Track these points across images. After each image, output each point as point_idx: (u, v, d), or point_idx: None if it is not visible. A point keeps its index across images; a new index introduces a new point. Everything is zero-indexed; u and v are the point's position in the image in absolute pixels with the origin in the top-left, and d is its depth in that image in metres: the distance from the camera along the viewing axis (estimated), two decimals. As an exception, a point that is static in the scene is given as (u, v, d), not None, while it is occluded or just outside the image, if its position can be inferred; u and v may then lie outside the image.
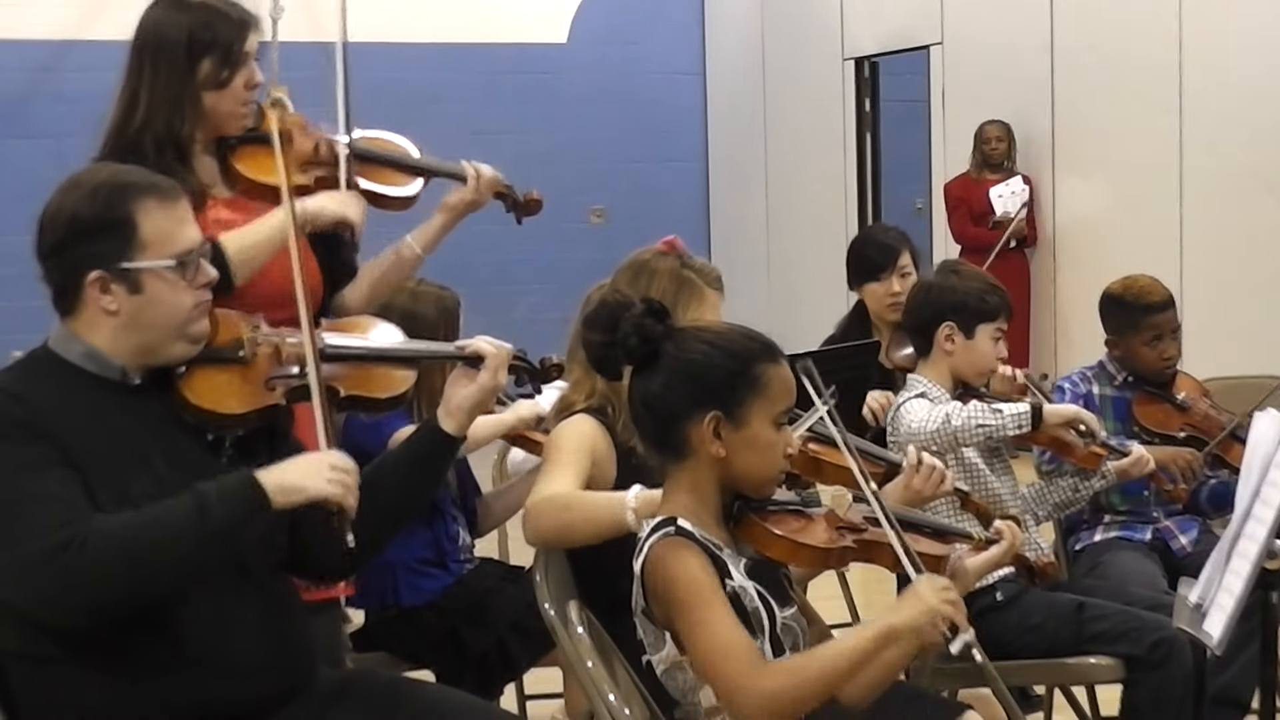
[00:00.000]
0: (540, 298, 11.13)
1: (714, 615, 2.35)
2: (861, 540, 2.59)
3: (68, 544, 2.33)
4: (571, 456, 3.01)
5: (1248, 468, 2.82)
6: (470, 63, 11.68)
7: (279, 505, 2.45)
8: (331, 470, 2.48)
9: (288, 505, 2.46)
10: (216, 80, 3.10)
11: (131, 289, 2.51)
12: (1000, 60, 9.30)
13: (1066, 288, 8.90)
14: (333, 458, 2.50)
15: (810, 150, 11.09)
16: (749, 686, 2.31)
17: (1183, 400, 4.25)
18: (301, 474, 2.47)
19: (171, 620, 2.48)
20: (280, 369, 2.65)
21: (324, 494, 2.46)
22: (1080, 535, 4.23)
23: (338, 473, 2.48)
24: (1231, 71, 7.75)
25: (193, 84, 3.09)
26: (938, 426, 3.50)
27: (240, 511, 2.44)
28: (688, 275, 3.17)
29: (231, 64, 3.11)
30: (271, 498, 2.44)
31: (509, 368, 2.81)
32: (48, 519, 2.35)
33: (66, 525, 2.35)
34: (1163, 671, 3.47)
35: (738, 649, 2.33)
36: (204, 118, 3.12)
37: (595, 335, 2.53)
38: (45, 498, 2.38)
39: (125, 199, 2.52)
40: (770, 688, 2.31)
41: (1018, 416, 3.56)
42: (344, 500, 2.47)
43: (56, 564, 2.33)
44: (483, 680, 3.71)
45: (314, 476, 2.47)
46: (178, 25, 3.09)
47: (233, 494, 2.43)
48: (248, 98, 3.16)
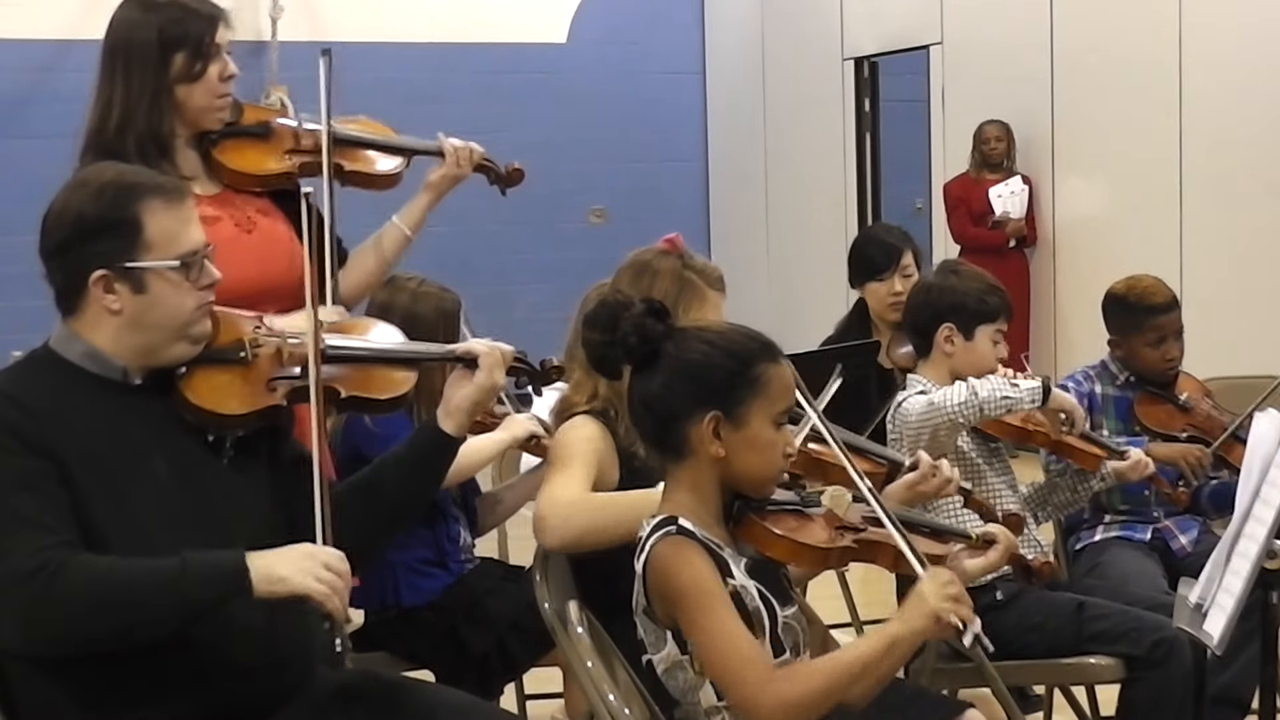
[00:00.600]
0: (540, 298, 11.12)
1: (725, 622, 2.36)
2: (861, 540, 2.59)
3: (39, 570, 2.33)
4: (581, 460, 3.00)
5: (1248, 468, 2.82)
6: (470, 62, 11.68)
7: (260, 595, 2.41)
8: (324, 570, 2.43)
9: (269, 595, 2.42)
10: (189, 74, 3.13)
11: (135, 289, 2.51)
12: (1000, 60, 9.30)
13: (1066, 288, 8.90)
14: (328, 556, 2.46)
15: (810, 150, 11.09)
16: (766, 696, 2.32)
17: (1185, 400, 4.25)
18: (293, 569, 2.42)
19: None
20: (281, 370, 2.64)
21: (307, 591, 2.41)
22: (1080, 535, 4.23)
23: (329, 574, 2.43)
24: (1231, 71, 7.75)
25: (166, 79, 3.12)
26: (964, 398, 3.48)
27: (218, 594, 2.42)
28: (689, 276, 3.16)
29: (204, 57, 3.14)
30: (256, 587, 2.41)
31: (510, 369, 2.82)
32: (26, 541, 2.35)
33: (43, 550, 2.35)
34: (1163, 671, 3.47)
35: (753, 658, 2.35)
36: (180, 112, 3.15)
37: (595, 335, 2.53)
38: (26, 519, 2.37)
39: (131, 199, 2.52)
40: (787, 696, 2.33)
41: (1032, 391, 3.56)
42: (327, 602, 2.42)
43: (26, 587, 2.33)
44: (483, 680, 3.70)
45: (304, 573, 2.42)
46: (147, 24, 3.13)
47: (216, 576, 2.41)
48: (222, 90, 3.19)
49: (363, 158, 3.39)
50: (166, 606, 2.40)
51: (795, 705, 2.33)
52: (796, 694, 2.33)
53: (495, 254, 11.23)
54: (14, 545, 2.35)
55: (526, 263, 11.62)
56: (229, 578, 2.41)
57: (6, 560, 2.34)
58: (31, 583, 2.33)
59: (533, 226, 11.32)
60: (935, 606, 2.37)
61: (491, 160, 3.53)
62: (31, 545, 2.35)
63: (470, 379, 2.74)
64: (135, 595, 2.38)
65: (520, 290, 11.39)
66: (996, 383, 3.54)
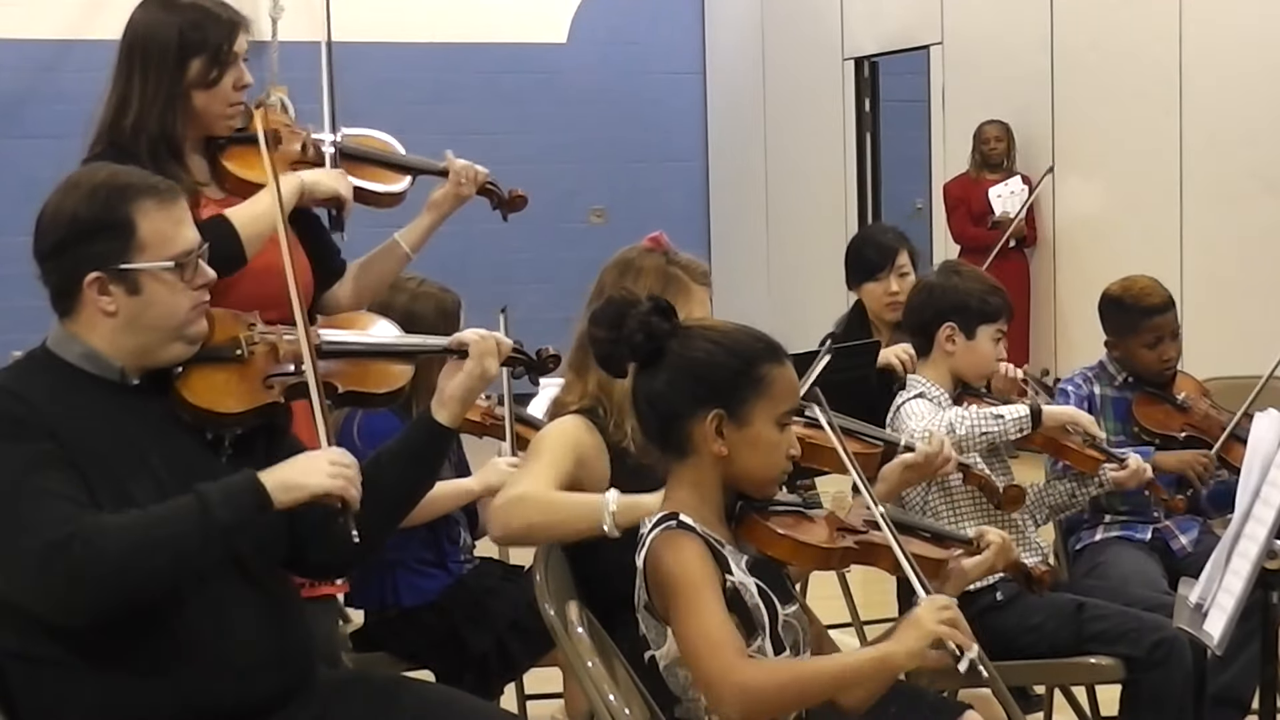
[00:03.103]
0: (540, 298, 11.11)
1: (703, 604, 2.36)
2: (862, 542, 2.59)
3: (69, 540, 2.34)
4: (551, 457, 3.00)
5: (1248, 468, 2.82)
6: (470, 63, 11.68)
7: (282, 504, 2.46)
8: (331, 465, 2.49)
9: (290, 503, 2.47)
10: (205, 80, 3.12)
11: (130, 290, 2.51)
12: (1000, 60, 9.30)
13: (1066, 288, 8.90)
14: (332, 454, 2.51)
15: (810, 150, 11.09)
16: (726, 678, 2.31)
17: (1183, 400, 4.25)
18: (302, 471, 2.49)
19: (171, 620, 2.48)
20: (277, 367, 2.65)
21: (325, 489, 2.47)
22: (1080, 535, 4.23)
23: (338, 467, 2.49)
24: (1231, 71, 7.75)
25: (182, 83, 3.11)
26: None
27: (244, 511, 2.45)
28: (674, 272, 3.17)
29: (221, 64, 3.13)
30: (274, 496, 2.45)
31: (507, 360, 2.83)
32: (50, 515, 2.36)
33: (68, 521, 2.35)
34: (1163, 671, 3.47)
35: (722, 641, 2.34)
36: (193, 117, 3.14)
37: (601, 332, 2.54)
38: (47, 494, 2.38)
39: (124, 200, 2.52)
40: (746, 682, 2.31)
41: (1018, 420, 3.60)
42: (346, 493, 2.48)
43: (58, 561, 2.33)
44: (483, 680, 3.70)
45: (315, 473, 2.48)
46: (168, 25, 3.11)
47: (236, 494, 2.45)
48: (236, 98, 3.18)
49: (368, 174, 3.37)
50: (196, 540, 2.41)
51: (754, 693, 2.31)
52: (757, 683, 2.32)
53: (495, 254, 11.23)
54: (45, 517, 2.36)
55: (526, 263, 11.62)
56: (248, 495, 2.45)
57: (40, 533, 2.35)
58: (65, 552, 2.33)
59: (533, 226, 11.29)
60: (932, 629, 2.36)
61: (496, 184, 3.54)
62: (61, 515, 2.36)
63: (462, 368, 2.75)
64: (163, 535, 2.39)
65: (520, 290, 11.38)
66: (977, 418, 3.57)
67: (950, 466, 3.30)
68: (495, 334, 2.82)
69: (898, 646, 2.38)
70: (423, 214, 3.46)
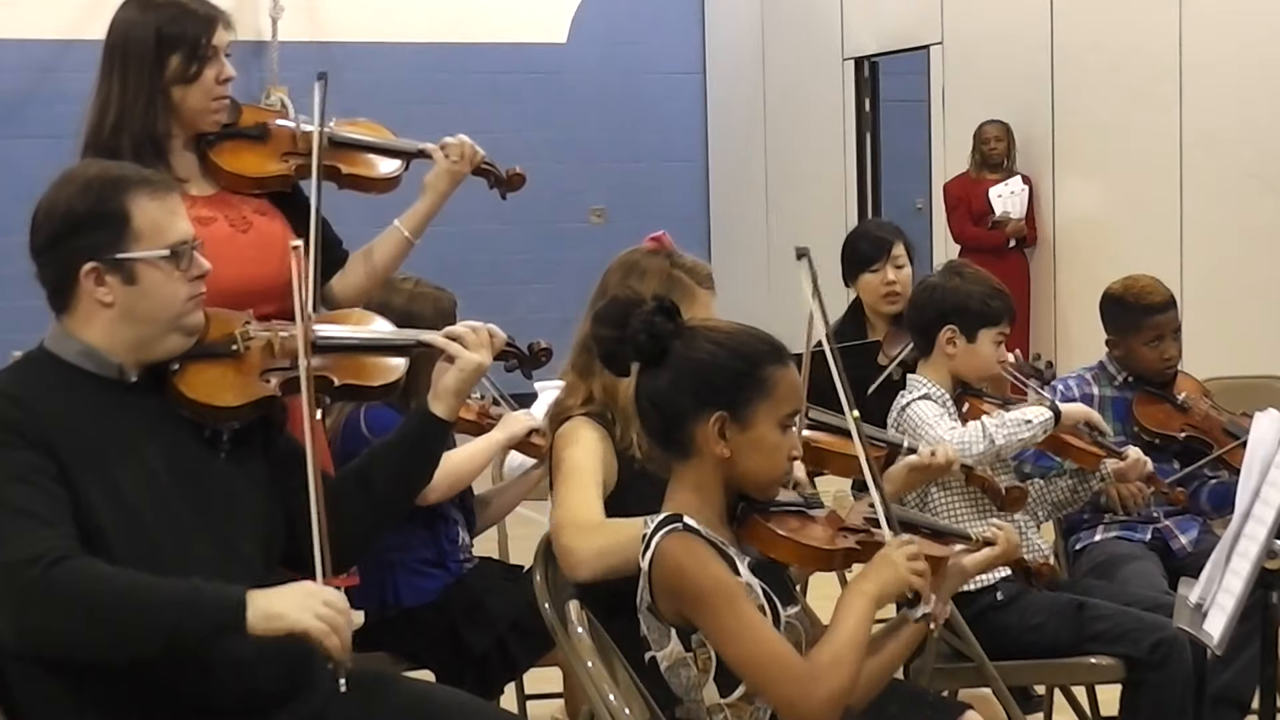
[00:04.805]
0: (539, 298, 11.13)
1: (751, 619, 2.38)
2: (864, 542, 2.59)
3: (36, 561, 2.32)
4: (591, 474, 2.97)
5: (1248, 468, 2.82)
6: (470, 62, 11.68)
7: (256, 632, 2.37)
8: (324, 608, 2.39)
9: (265, 632, 2.37)
10: (185, 75, 3.13)
11: (126, 279, 2.52)
12: (1000, 60, 9.30)
13: (1066, 288, 8.90)
14: (328, 594, 2.42)
15: (810, 150, 11.09)
16: (811, 696, 2.34)
17: (1183, 400, 4.25)
18: (293, 605, 2.39)
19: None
20: (274, 361, 2.66)
21: (304, 627, 2.37)
22: (1080, 535, 4.23)
23: (330, 612, 2.39)
24: (1231, 70, 7.75)
25: (162, 80, 3.12)
26: (984, 449, 3.54)
27: (212, 627, 2.38)
28: (678, 275, 3.15)
29: (200, 59, 3.13)
30: (251, 625, 2.36)
31: (499, 354, 2.83)
32: (24, 533, 2.34)
33: (41, 542, 2.34)
34: (1163, 672, 3.47)
35: (786, 655, 2.37)
36: (176, 113, 3.15)
37: (604, 331, 2.54)
38: (25, 511, 2.36)
39: (118, 191, 2.53)
40: (831, 692, 2.35)
41: (1044, 423, 3.65)
42: (325, 640, 2.38)
43: (20, 578, 2.31)
44: (483, 680, 3.70)
45: (303, 610, 2.38)
46: (145, 24, 3.13)
47: (212, 612, 2.37)
48: (219, 92, 3.18)
49: (360, 161, 3.38)
50: (156, 630, 2.35)
51: (842, 694, 2.36)
52: (840, 684, 2.35)
53: (495, 254, 11.23)
54: (14, 534, 2.34)
55: (526, 263, 11.62)
56: (224, 615, 2.37)
57: (6, 549, 2.33)
58: (27, 572, 2.31)
59: (533, 226, 11.31)
60: (905, 577, 2.42)
61: (492, 163, 3.50)
62: (27, 535, 2.34)
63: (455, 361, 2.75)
64: (130, 604, 2.35)
65: (520, 290, 11.39)
66: (1013, 426, 3.59)
67: (955, 467, 3.30)
68: (488, 326, 2.82)
69: (875, 585, 2.43)
70: (420, 198, 3.43)
